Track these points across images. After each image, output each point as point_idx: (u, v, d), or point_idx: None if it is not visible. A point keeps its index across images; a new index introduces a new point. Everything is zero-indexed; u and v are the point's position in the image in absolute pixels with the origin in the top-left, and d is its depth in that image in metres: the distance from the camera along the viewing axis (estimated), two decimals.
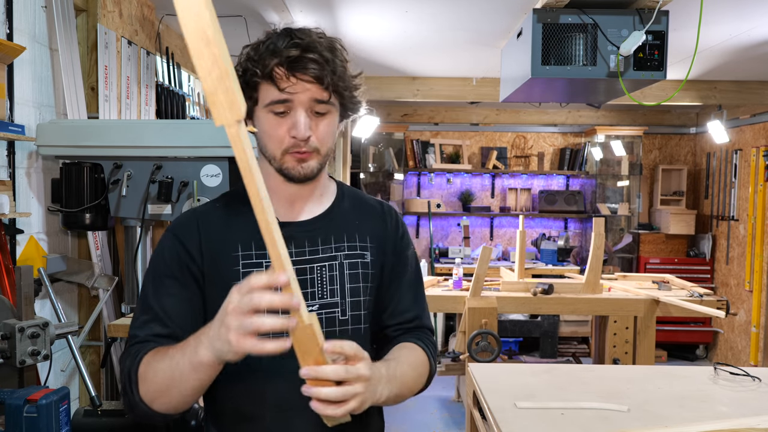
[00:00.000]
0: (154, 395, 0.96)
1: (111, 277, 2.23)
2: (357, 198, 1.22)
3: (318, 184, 1.15)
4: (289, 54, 1.00)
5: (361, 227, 1.16)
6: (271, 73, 1.01)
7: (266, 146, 1.07)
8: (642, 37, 2.50)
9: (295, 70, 1.01)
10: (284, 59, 1.00)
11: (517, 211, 6.25)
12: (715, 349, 5.90)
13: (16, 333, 1.40)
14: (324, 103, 1.04)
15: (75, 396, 2.27)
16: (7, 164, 1.93)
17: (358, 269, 1.13)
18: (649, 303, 3.40)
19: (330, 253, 1.12)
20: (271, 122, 1.04)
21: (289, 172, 1.06)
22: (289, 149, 1.04)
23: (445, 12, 3.12)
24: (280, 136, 1.04)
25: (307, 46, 1.01)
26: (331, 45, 1.05)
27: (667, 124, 6.36)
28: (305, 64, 1.00)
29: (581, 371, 2.09)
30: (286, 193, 1.12)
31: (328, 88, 1.03)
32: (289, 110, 1.03)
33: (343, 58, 1.06)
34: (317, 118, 1.05)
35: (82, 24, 2.34)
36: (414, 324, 1.20)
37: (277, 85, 1.01)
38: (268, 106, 1.03)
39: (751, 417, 1.51)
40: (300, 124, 1.02)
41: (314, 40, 1.03)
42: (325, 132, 1.06)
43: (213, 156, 1.98)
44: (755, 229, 5.10)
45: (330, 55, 1.03)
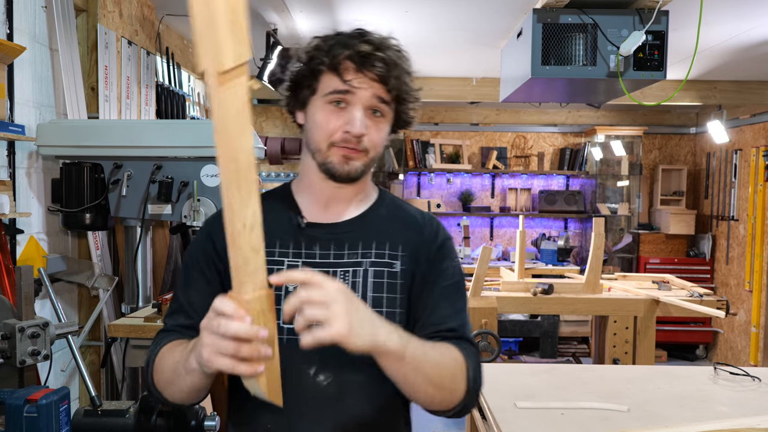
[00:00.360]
0: (163, 385, 1.02)
1: (111, 277, 2.23)
2: (397, 207, 1.16)
3: (358, 188, 1.11)
4: (360, 49, 1.00)
5: (394, 235, 1.10)
6: (338, 64, 1.00)
7: (313, 137, 1.05)
8: (642, 37, 2.50)
9: (363, 66, 1.00)
10: (354, 53, 1.00)
11: (517, 211, 6.25)
12: (715, 349, 5.90)
13: (16, 333, 1.40)
14: (384, 103, 1.03)
15: (75, 396, 2.27)
16: (7, 164, 1.93)
17: (383, 278, 1.07)
18: (649, 303, 3.40)
19: (355, 258, 1.07)
20: (326, 112, 1.03)
21: (333, 167, 1.03)
22: (338, 143, 1.02)
23: (445, 12, 3.12)
24: (332, 129, 1.02)
25: (379, 45, 1.01)
26: (400, 52, 1.05)
27: (667, 124, 6.36)
28: (374, 62, 1.00)
29: (581, 371, 2.09)
30: (323, 193, 1.10)
31: (392, 91, 1.02)
32: (347, 104, 1.02)
33: (409, 68, 1.06)
34: (373, 119, 1.03)
35: (82, 24, 2.34)
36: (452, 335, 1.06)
37: (341, 76, 1.01)
38: (328, 96, 1.02)
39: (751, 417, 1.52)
40: (356, 119, 1.00)
41: (385, 42, 1.03)
42: (378, 135, 1.04)
43: (213, 156, 1.97)
44: (755, 229, 5.10)
45: (399, 60, 1.03)
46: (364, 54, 1.00)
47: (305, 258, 1.06)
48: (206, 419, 1.42)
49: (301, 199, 1.12)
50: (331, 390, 1.02)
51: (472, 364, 1.03)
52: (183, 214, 2.02)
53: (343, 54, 1.00)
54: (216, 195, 2.00)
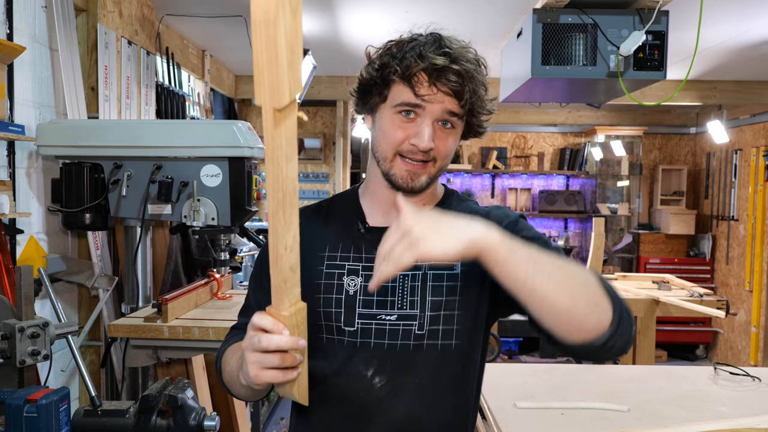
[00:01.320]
0: (228, 384, 1.09)
1: (111, 277, 2.23)
2: (464, 208, 1.13)
3: (423, 198, 1.11)
4: (436, 61, 0.97)
5: None
6: (411, 75, 0.98)
7: (379, 145, 1.04)
8: (642, 37, 2.50)
9: (437, 79, 0.98)
10: (429, 65, 0.97)
11: (517, 211, 6.24)
12: (715, 349, 5.90)
13: (16, 333, 1.40)
14: (455, 116, 1.01)
15: (75, 396, 2.27)
16: (7, 164, 1.93)
17: (443, 281, 1.03)
18: (649, 303, 3.40)
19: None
20: (394, 122, 1.01)
21: (396, 181, 1.03)
22: (404, 153, 1.01)
23: (445, 12, 3.12)
24: (398, 139, 1.01)
25: (455, 58, 0.98)
26: (477, 62, 1.02)
27: (667, 124, 6.36)
28: (448, 75, 0.97)
29: (581, 371, 2.09)
30: (386, 200, 1.09)
31: (465, 106, 1.00)
32: (416, 116, 1.00)
33: (485, 80, 1.03)
34: (443, 131, 1.01)
35: (82, 24, 2.34)
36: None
37: (413, 89, 0.98)
38: (398, 107, 1.01)
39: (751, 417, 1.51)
40: (425, 134, 0.99)
41: (462, 53, 1.00)
42: (446, 147, 1.02)
43: (213, 156, 1.98)
44: (755, 229, 5.10)
45: (475, 73, 1.00)
46: (438, 67, 0.97)
47: (365, 262, 1.06)
48: (206, 419, 1.42)
49: (366, 203, 1.13)
50: (385, 392, 1.02)
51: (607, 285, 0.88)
52: (183, 214, 2.02)
53: (417, 66, 0.98)
54: (216, 195, 2.00)
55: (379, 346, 1.03)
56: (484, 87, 1.03)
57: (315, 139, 5.64)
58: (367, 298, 1.04)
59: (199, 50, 3.91)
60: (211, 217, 2.00)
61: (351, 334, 1.04)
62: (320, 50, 3.89)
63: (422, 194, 1.09)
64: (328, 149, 5.66)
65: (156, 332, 1.93)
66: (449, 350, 1.03)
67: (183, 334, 1.92)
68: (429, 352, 1.02)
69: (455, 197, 1.16)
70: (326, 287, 1.06)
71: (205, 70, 4.01)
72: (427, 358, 1.02)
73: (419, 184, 1.03)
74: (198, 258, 2.58)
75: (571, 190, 6.40)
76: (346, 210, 1.13)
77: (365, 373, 1.03)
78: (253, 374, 0.85)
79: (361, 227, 1.09)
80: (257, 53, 0.64)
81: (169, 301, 1.96)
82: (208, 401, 2.33)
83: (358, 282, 1.05)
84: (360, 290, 1.05)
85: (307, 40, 3.71)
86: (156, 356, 2.02)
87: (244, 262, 3.62)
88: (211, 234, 2.13)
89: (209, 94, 4.11)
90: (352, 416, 1.04)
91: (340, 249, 1.08)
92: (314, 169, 5.67)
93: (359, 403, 1.03)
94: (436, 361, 1.02)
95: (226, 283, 2.42)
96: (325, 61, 4.23)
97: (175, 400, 1.39)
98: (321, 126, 5.66)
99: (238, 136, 1.94)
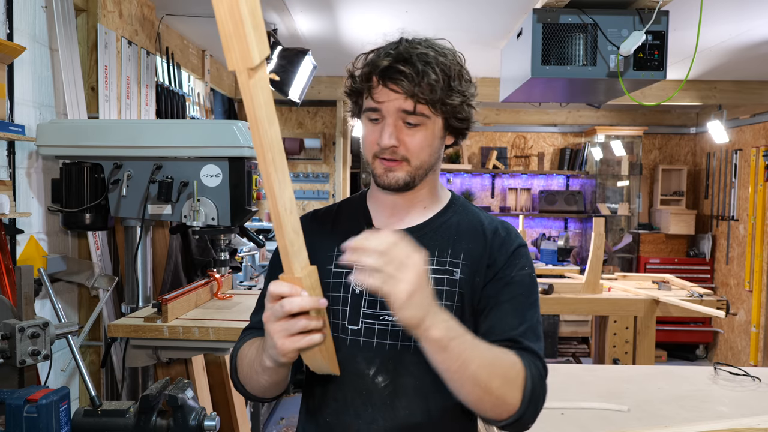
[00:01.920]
0: (244, 380, 1.09)
1: (111, 277, 2.23)
2: (466, 213, 1.15)
3: (418, 195, 1.13)
4: (379, 63, 1.03)
5: (457, 243, 1.10)
6: (369, 82, 1.05)
7: (363, 151, 1.11)
8: (642, 37, 2.50)
9: (385, 80, 1.03)
10: (377, 68, 1.03)
11: (517, 211, 6.25)
12: (715, 349, 5.90)
13: (16, 333, 1.40)
14: (412, 114, 1.03)
15: (75, 396, 2.27)
16: (7, 164, 1.93)
17: (443, 286, 1.06)
18: (649, 303, 3.40)
19: None
20: (367, 129, 1.09)
21: (377, 179, 1.09)
22: (377, 155, 1.07)
23: (445, 12, 3.12)
24: (370, 143, 1.07)
25: (398, 56, 1.02)
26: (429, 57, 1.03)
27: (667, 124, 6.36)
28: (392, 74, 1.02)
29: (581, 371, 2.09)
30: (386, 202, 1.14)
31: (419, 101, 1.02)
32: (381, 119, 1.05)
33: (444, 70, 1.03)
34: (408, 128, 1.05)
35: (82, 24, 2.34)
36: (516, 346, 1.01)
37: (371, 95, 1.05)
38: (365, 113, 1.08)
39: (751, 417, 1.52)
40: (383, 133, 1.04)
41: (410, 51, 1.03)
42: (414, 143, 1.05)
43: (213, 156, 1.98)
44: (755, 229, 5.10)
45: (423, 67, 1.01)
46: (384, 68, 1.02)
47: None
48: (206, 419, 1.42)
49: (372, 206, 1.18)
50: (387, 392, 1.04)
51: (532, 374, 0.97)
52: (183, 214, 2.02)
53: (369, 72, 1.05)
54: (216, 195, 2.00)
55: (381, 346, 1.05)
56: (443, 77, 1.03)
57: (315, 139, 5.64)
58: (372, 299, 1.07)
59: (199, 50, 3.91)
60: (211, 217, 2.00)
61: (354, 332, 1.07)
62: (320, 50, 3.89)
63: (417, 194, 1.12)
64: (328, 149, 5.65)
65: (156, 332, 1.93)
66: None
67: (183, 334, 1.92)
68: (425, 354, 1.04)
69: (460, 204, 1.17)
70: (333, 286, 1.10)
71: (205, 70, 4.01)
72: (428, 361, 1.02)
73: (395, 180, 1.06)
74: (198, 258, 2.58)
75: (571, 190, 6.40)
76: (354, 212, 1.18)
77: (367, 372, 1.05)
78: (280, 344, 0.86)
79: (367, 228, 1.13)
80: (222, 21, 0.67)
81: (169, 301, 1.96)
82: (208, 401, 2.33)
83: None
84: (366, 290, 1.06)
85: (307, 40, 3.71)
86: (156, 356, 2.02)
87: (244, 262, 3.62)
88: (211, 234, 2.13)
89: (209, 94, 4.11)
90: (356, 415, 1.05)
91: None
92: (314, 169, 5.67)
93: (362, 402, 1.05)
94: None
95: (226, 283, 2.42)
96: (325, 61, 4.23)
97: (175, 400, 1.39)
98: (321, 126, 5.66)
99: (238, 136, 1.94)
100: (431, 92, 1.02)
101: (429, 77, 1.01)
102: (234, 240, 2.31)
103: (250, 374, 1.05)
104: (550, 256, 5.96)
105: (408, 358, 1.04)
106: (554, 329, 5.50)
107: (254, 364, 1.02)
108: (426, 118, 1.05)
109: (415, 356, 1.03)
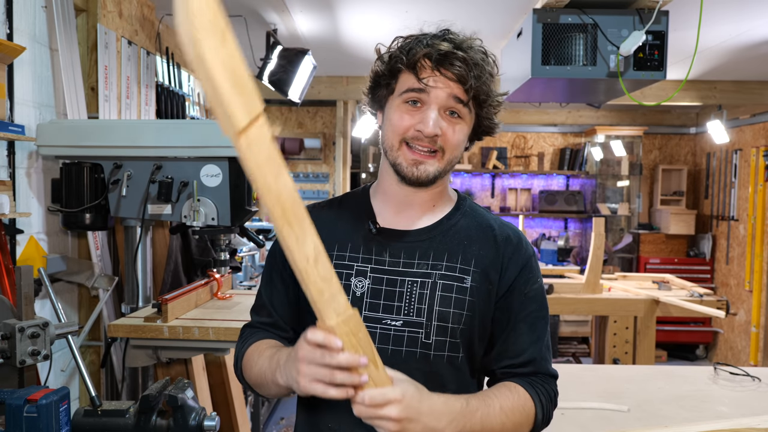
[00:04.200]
0: (253, 384, 1.07)
1: (111, 277, 2.23)
2: (475, 216, 1.11)
3: (432, 193, 1.08)
4: (440, 47, 0.98)
5: (468, 249, 1.05)
6: (416, 62, 0.99)
7: (386, 135, 1.04)
8: (642, 37, 2.50)
9: (440, 64, 0.98)
10: (434, 51, 0.98)
11: (517, 211, 6.25)
12: (715, 349, 5.90)
13: (16, 333, 1.40)
14: (461, 104, 1.00)
15: (75, 396, 2.27)
16: (7, 164, 1.92)
17: (452, 293, 1.02)
18: (649, 303, 3.40)
19: (425, 269, 1.04)
20: (400, 110, 1.02)
21: (401, 170, 1.02)
22: (410, 141, 1.01)
23: (445, 12, 3.12)
24: (404, 126, 1.01)
25: (459, 44, 0.99)
26: (485, 53, 1.03)
27: (667, 124, 6.36)
28: (452, 60, 0.98)
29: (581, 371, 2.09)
30: (396, 197, 1.08)
31: (469, 92, 0.99)
32: (422, 104, 1.00)
33: (492, 70, 1.03)
34: (450, 120, 1.01)
35: (82, 24, 2.34)
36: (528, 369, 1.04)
37: (417, 75, 0.99)
38: (404, 94, 1.01)
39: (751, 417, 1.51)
40: (429, 119, 0.98)
41: (467, 41, 1.01)
42: (454, 137, 1.01)
43: (213, 156, 1.98)
44: (755, 229, 5.10)
45: (480, 61, 1.00)
46: (442, 52, 0.98)
47: (374, 264, 1.05)
48: (206, 419, 1.42)
49: (377, 203, 1.12)
50: None
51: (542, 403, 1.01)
52: (183, 214, 2.02)
53: (421, 52, 0.99)
54: (216, 195, 2.00)
55: (383, 351, 1.01)
56: (492, 78, 1.03)
57: (315, 139, 5.64)
58: (374, 302, 1.03)
59: None
60: (211, 217, 2.00)
61: None
62: (320, 50, 3.89)
63: (432, 191, 1.08)
64: (328, 149, 5.66)
65: (156, 332, 1.93)
66: (456, 362, 1.03)
67: (183, 334, 1.92)
68: (436, 362, 1.01)
69: (468, 205, 1.13)
70: None
71: None
72: (434, 369, 1.01)
73: (425, 174, 1.01)
74: (198, 258, 2.58)
75: (571, 190, 6.40)
76: (357, 209, 1.12)
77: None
78: (303, 385, 0.84)
79: (372, 227, 1.07)
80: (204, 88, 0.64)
81: (169, 301, 1.96)
82: (208, 401, 2.33)
83: (365, 284, 1.04)
84: (367, 292, 1.03)
85: (307, 40, 3.71)
86: (156, 356, 2.02)
87: (244, 262, 3.62)
88: (211, 234, 2.13)
89: None
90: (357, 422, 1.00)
91: (349, 249, 1.07)
92: (314, 169, 5.67)
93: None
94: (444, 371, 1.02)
95: (226, 283, 2.42)
96: (325, 61, 4.23)
97: (175, 400, 1.39)
98: (321, 126, 5.66)
99: None
100: (481, 88, 1.00)
101: (484, 70, 1.00)
102: (234, 240, 2.31)
103: (261, 381, 1.03)
104: (550, 256, 5.96)
105: (413, 365, 1.00)
106: (554, 329, 5.50)
107: (266, 375, 1.00)
108: (468, 111, 1.02)
109: (421, 363, 1.00)
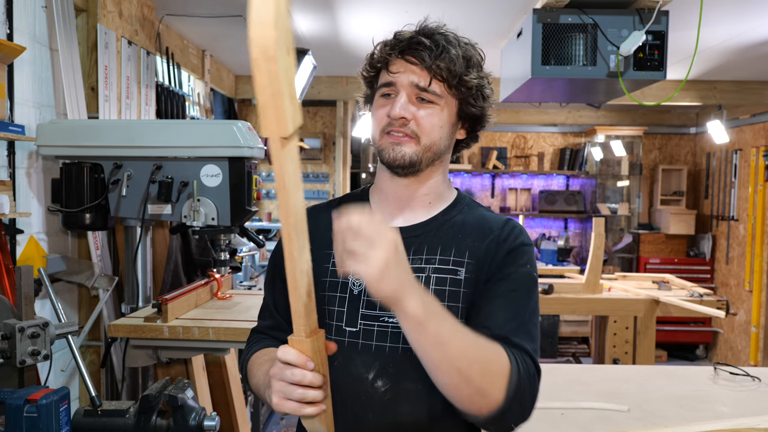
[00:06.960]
0: (255, 392, 1.09)
1: (111, 277, 2.23)
2: (472, 211, 1.11)
3: (422, 186, 1.09)
4: (402, 37, 1.04)
5: (462, 242, 1.05)
6: (389, 58, 1.05)
7: (372, 129, 1.09)
8: (642, 37, 2.50)
9: (404, 52, 1.03)
10: (399, 42, 1.04)
11: (517, 211, 6.25)
12: (715, 349, 5.90)
13: (16, 333, 1.40)
14: (426, 91, 1.02)
15: (75, 396, 2.27)
16: (7, 164, 1.93)
17: (446, 286, 1.02)
18: (649, 303, 3.40)
19: (419, 264, 1.04)
20: (377, 104, 1.07)
21: (383, 154, 1.05)
22: (386, 128, 1.04)
23: (445, 12, 3.12)
24: (380, 117, 1.05)
25: (421, 31, 1.03)
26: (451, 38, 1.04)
27: (667, 124, 6.36)
28: (413, 46, 1.02)
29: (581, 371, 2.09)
30: (391, 194, 1.11)
31: (435, 75, 1.01)
32: (394, 94, 1.04)
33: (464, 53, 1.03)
34: (421, 105, 1.03)
35: (82, 24, 2.34)
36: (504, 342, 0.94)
37: (388, 69, 1.05)
38: (379, 90, 1.07)
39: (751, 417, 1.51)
40: (395, 103, 1.02)
41: (436, 32, 1.04)
42: (425, 120, 1.03)
43: (213, 156, 1.98)
44: (755, 229, 5.10)
45: (444, 44, 1.01)
46: (404, 40, 1.03)
47: None
48: (206, 419, 1.42)
49: (375, 202, 1.14)
50: (388, 396, 1.01)
51: (519, 370, 0.91)
52: (183, 214, 2.02)
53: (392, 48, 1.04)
54: (216, 195, 2.00)
55: (380, 348, 1.01)
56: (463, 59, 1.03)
57: (315, 139, 5.64)
58: (371, 299, 1.03)
59: (199, 50, 3.91)
60: (211, 217, 2.00)
61: (352, 334, 1.03)
62: (320, 50, 3.89)
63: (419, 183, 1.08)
64: (328, 149, 5.65)
65: (156, 332, 1.93)
66: None
67: (183, 334, 1.92)
68: None
69: (466, 203, 1.13)
70: (331, 285, 1.06)
71: (205, 70, 4.01)
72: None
73: (401, 155, 1.03)
74: (198, 258, 2.58)
75: (571, 190, 6.40)
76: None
77: (366, 376, 1.01)
78: (275, 402, 0.87)
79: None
80: (260, 88, 0.67)
81: (169, 301, 1.96)
82: (208, 401, 2.33)
83: (362, 282, 1.03)
84: (365, 290, 1.03)
85: (307, 40, 3.71)
86: (156, 356, 2.02)
87: (244, 262, 3.62)
88: (211, 234, 2.13)
89: (209, 94, 4.11)
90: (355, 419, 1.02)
91: None
92: (314, 169, 5.67)
93: (361, 407, 1.01)
94: None
95: (226, 283, 2.42)
96: (325, 61, 4.23)
97: (175, 400, 1.39)
98: (321, 126, 5.66)
99: (238, 136, 1.94)
100: (448, 70, 1.01)
101: (449, 53, 1.01)
102: (234, 240, 2.31)
103: (260, 394, 1.05)
104: (550, 256, 5.96)
105: (411, 362, 0.96)
106: (554, 329, 5.50)
107: (260, 389, 1.03)
108: (440, 97, 1.03)
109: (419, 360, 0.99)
